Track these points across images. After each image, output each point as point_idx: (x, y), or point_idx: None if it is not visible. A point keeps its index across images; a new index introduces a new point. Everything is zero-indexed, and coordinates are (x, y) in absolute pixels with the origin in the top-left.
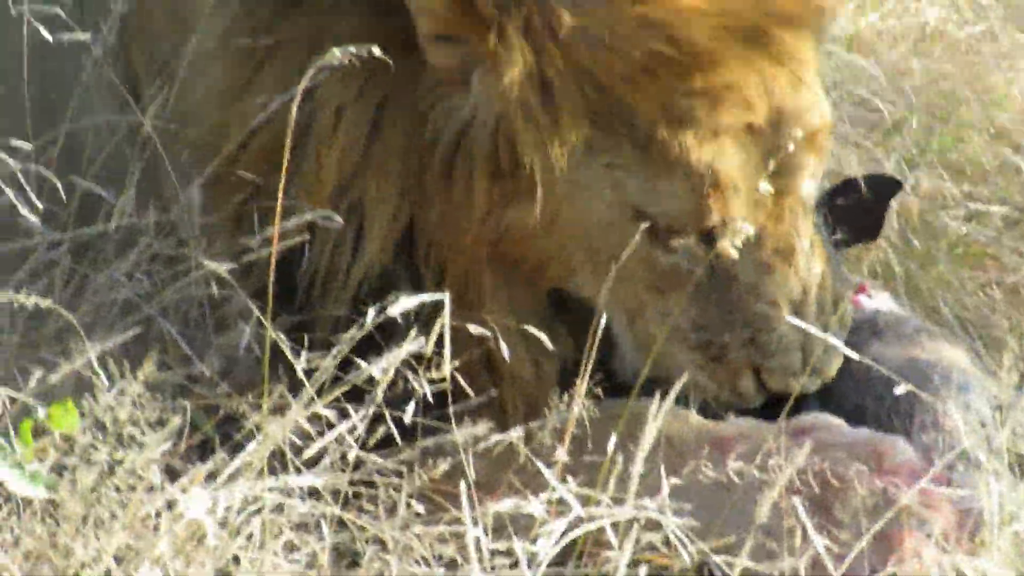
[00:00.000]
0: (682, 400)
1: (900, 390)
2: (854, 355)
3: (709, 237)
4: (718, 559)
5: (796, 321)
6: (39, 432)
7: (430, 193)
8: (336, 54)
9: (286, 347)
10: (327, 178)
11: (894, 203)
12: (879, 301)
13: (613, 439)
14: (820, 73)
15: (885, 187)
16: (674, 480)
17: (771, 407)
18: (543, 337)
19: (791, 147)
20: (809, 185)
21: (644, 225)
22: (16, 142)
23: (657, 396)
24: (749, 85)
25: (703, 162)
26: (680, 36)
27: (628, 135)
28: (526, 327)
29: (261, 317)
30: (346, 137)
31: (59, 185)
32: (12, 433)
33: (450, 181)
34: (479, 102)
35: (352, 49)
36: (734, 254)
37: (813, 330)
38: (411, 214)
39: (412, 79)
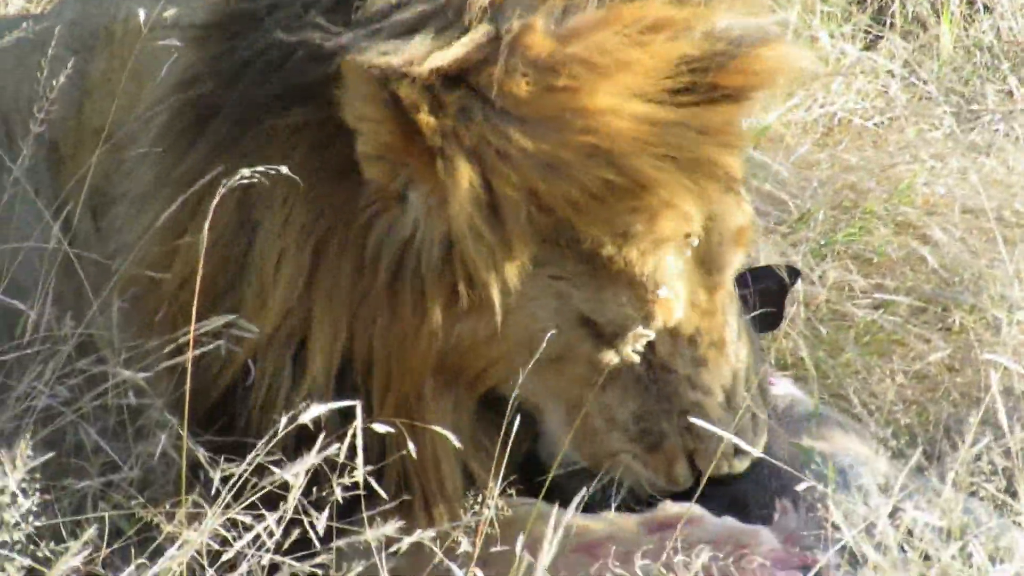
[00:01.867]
0: (609, 490)
1: (782, 477)
2: (751, 449)
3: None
4: None
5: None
6: None
7: (373, 310)
8: (245, 173)
9: (202, 455)
10: (272, 308)
11: (796, 292)
12: (779, 387)
13: (520, 540)
14: None
15: (781, 277)
16: None
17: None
18: (451, 435)
19: (722, 246)
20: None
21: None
22: None
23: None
24: (687, 201)
25: (646, 273)
26: (625, 164)
27: (573, 250)
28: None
29: (179, 427)
30: (288, 277)
31: None
32: None
33: (396, 298)
34: (419, 218)
35: (260, 168)
36: (636, 359)
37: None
38: (351, 334)
39: (352, 200)
